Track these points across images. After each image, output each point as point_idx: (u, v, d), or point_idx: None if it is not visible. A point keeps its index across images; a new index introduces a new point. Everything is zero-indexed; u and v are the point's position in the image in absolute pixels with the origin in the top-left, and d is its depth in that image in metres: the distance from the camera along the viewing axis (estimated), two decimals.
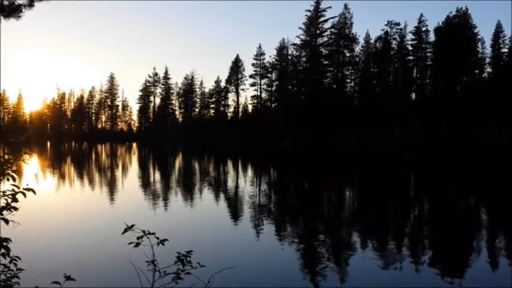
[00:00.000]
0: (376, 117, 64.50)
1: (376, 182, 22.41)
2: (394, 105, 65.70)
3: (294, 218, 12.56)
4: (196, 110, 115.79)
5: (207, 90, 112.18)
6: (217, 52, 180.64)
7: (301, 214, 13.26)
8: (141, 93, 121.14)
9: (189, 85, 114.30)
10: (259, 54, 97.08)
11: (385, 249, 8.79)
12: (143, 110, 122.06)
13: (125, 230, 3.69)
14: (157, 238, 3.73)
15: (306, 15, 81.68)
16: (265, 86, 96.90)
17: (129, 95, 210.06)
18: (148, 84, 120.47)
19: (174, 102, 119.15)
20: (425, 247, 9.24)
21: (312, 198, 16.69)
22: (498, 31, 69.14)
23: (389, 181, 22.79)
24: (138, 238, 3.67)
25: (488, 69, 72.10)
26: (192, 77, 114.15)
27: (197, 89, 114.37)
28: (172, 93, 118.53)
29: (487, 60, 71.59)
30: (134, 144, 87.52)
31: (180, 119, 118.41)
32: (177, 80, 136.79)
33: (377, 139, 57.95)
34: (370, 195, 17.60)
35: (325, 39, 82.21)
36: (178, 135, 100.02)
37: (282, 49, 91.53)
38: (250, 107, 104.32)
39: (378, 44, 79.56)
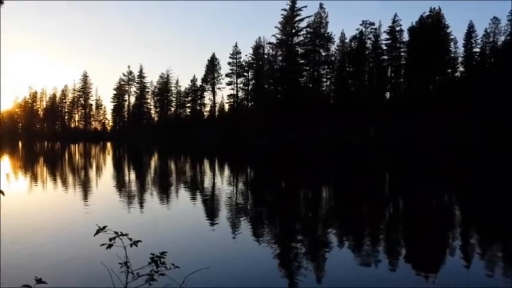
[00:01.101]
0: (351, 116, 65.22)
1: (349, 180, 22.64)
2: (368, 104, 66.56)
3: (269, 217, 12.56)
4: (172, 109, 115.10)
5: (182, 89, 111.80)
6: (193, 51, 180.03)
7: (277, 213, 13.28)
8: (115, 92, 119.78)
9: (164, 84, 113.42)
10: (236, 53, 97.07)
11: (361, 247, 8.86)
12: (117, 109, 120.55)
13: (97, 232, 3.62)
14: (131, 239, 3.67)
15: (282, 14, 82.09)
16: (241, 85, 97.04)
17: (103, 93, 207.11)
18: (122, 82, 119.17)
19: (149, 101, 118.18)
20: (399, 244, 9.37)
21: (287, 197, 16.74)
22: (470, 31, 70.75)
23: (362, 179, 23.04)
24: (110, 239, 3.60)
25: (461, 69, 73.78)
26: (168, 75, 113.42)
27: (173, 88, 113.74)
28: (148, 92, 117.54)
29: (460, 59, 73.16)
30: (108, 144, 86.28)
31: (156, 118, 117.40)
32: (152, 79, 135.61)
33: (352, 137, 58.59)
34: (344, 193, 17.77)
35: (301, 38, 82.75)
36: (154, 134, 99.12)
37: (258, 48, 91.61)
38: (226, 106, 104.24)
39: (353, 44, 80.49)
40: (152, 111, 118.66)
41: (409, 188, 19.55)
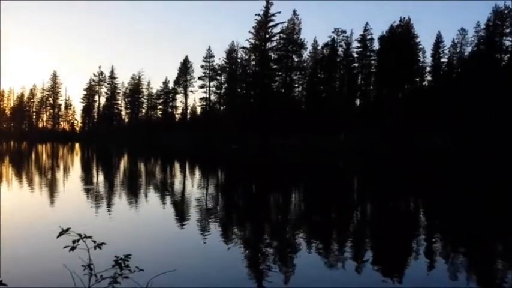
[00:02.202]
0: (322, 122, 65.88)
1: (320, 186, 22.86)
2: (339, 110, 67.42)
3: (238, 221, 12.58)
4: (143, 110, 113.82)
5: (154, 90, 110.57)
6: (166, 53, 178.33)
7: (245, 217, 13.30)
8: (85, 93, 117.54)
9: (136, 85, 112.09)
10: (209, 56, 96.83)
11: (329, 250, 8.98)
12: (87, 110, 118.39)
13: (60, 234, 3.59)
14: (94, 242, 3.65)
15: (256, 20, 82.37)
16: (214, 88, 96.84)
17: (73, 94, 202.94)
18: (93, 83, 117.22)
19: (120, 102, 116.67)
20: (366, 248, 9.50)
21: (257, 201, 16.78)
22: (438, 41, 72.58)
23: (333, 185, 23.31)
24: (73, 242, 3.58)
25: (429, 78, 75.59)
26: (139, 76, 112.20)
27: (144, 90, 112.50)
28: (119, 93, 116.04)
29: (428, 69, 74.96)
30: (77, 145, 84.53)
31: (126, 120, 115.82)
32: (123, 80, 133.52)
33: (323, 143, 59.16)
34: (314, 198, 17.92)
35: (274, 43, 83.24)
36: (124, 136, 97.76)
37: (231, 52, 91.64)
38: (199, 109, 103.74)
39: (324, 51, 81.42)
40: (123, 113, 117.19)
41: (379, 194, 19.88)
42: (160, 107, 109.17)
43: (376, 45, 77.41)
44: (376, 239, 10.54)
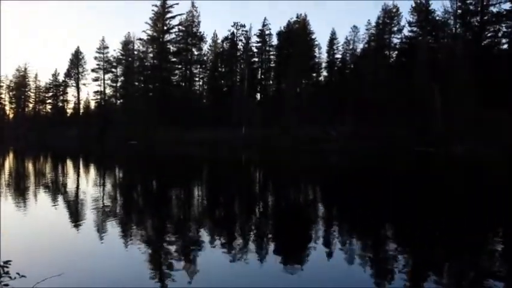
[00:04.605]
0: (224, 116, 66.12)
1: (220, 180, 22.67)
2: (240, 104, 68.08)
3: (138, 219, 11.78)
4: (31, 105, 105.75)
5: (43, 84, 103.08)
6: (55, 43, 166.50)
7: (146, 214, 12.60)
8: None
9: (21, 78, 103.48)
10: (103, 47, 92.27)
11: (232, 244, 8.69)
12: None
13: None
14: None
15: (153, 11, 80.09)
16: (109, 82, 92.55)
17: None
18: None
19: (3, 96, 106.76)
20: (268, 240, 9.39)
21: (155, 198, 16.08)
22: (333, 38, 76.12)
23: (236, 178, 23.29)
24: None
25: (325, 73, 79.12)
26: (25, 69, 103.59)
27: (31, 83, 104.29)
28: (2, 86, 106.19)
29: (324, 64, 78.39)
30: None
31: (11, 115, 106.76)
32: (7, 73, 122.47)
33: (225, 137, 59.38)
34: (217, 193, 17.62)
35: (173, 36, 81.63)
36: (9, 132, 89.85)
37: (127, 43, 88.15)
38: (93, 103, 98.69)
39: (225, 45, 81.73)
40: (7, 108, 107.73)
41: (279, 186, 20.15)
42: (49, 101, 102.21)
43: (274, 41, 79.43)
44: (275, 229, 10.53)
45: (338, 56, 75.79)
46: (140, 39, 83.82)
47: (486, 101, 43.18)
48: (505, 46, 56.47)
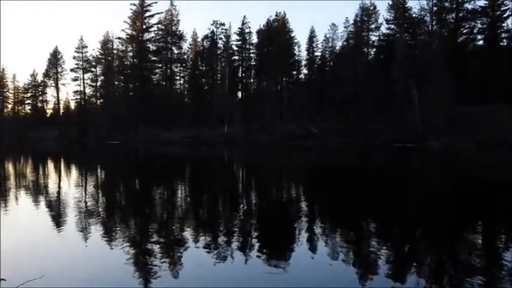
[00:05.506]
0: (205, 114, 65.98)
1: (205, 177, 22.74)
2: (222, 102, 68.01)
3: (120, 219, 11.80)
4: (10, 106, 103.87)
5: (21, 84, 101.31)
6: (33, 43, 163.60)
7: (127, 214, 12.61)
8: None
9: None
10: (82, 46, 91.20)
11: (217, 244, 8.77)
12: None
13: None
14: None
15: (132, 9, 79.46)
16: (89, 81, 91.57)
17: None
18: None
19: None
20: (251, 239, 9.46)
21: (139, 197, 16.08)
22: (312, 36, 76.46)
23: (218, 176, 23.36)
24: None
25: (305, 71, 79.50)
26: (3, 69, 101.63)
27: (9, 83, 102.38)
28: None
29: (303, 62, 78.72)
30: None
31: None
32: None
33: (206, 135, 59.31)
34: (199, 191, 17.69)
35: (152, 34, 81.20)
36: None
37: (106, 42, 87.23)
38: (72, 103, 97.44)
39: (205, 43, 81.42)
40: None
41: (261, 183, 20.34)
42: (28, 101, 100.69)
43: (254, 39, 79.46)
44: (258, 227, 10.61)
45: (317, 53, 76.31)
46: (119, 38, 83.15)
47: (462, 96, 44.12)
48: (480, 42, 57.76)
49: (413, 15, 60.54)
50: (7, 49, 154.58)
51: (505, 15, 55.28)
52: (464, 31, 57.20)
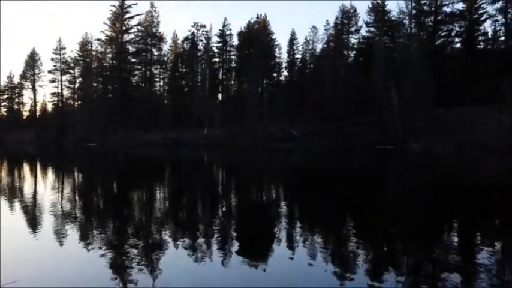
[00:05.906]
0: (185, 116, 65.66)
1: (184, 179, 22.58)
2: (202, 104, 67.79)
3: (97, 222, 11.55)
4: None
5: None
6: (9, 44, 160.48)
7: (105, 217, 12.38)
8: None
9: None
10: (60, 48, 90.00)
11: (196, 245, 8.68)
12: None
13: None
14: None
15: (111, 11, 78.67)
16: (67, 83, 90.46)
17: None
18: None
19: None
20: (231, 239, 9.41)
21: (117, 200, 15.82)
22: (292, 38, 76.84)
23: (198, 178, 23.23)
24: None
25: (285, 73, 79.80)
26: None
27: None
28: None
29: (284, 64, 79.01)
30: None
31: None
32: None
33: (186, 137, 58.97)
34: (178, 193, 17.53)
35: (132, 36, 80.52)
36: None
37: (85, 44, 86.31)
38: (50, 106, 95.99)
39: (185, 45, 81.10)
40: None
41: (241, 185, 20.27)
42: (4, 103, 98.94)
43: (235, 41, 79.47)
44: (237, 227, 10.53)
45: (298, 56, 76.76)
46: (98, 39, 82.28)
47: (440, 99, 44.79)
48: (458, 45, 58.82)
49: (393, 18, 61.41)
50: None
51: (482, 19, 56.50)
52: (443, 34, 58.19)
